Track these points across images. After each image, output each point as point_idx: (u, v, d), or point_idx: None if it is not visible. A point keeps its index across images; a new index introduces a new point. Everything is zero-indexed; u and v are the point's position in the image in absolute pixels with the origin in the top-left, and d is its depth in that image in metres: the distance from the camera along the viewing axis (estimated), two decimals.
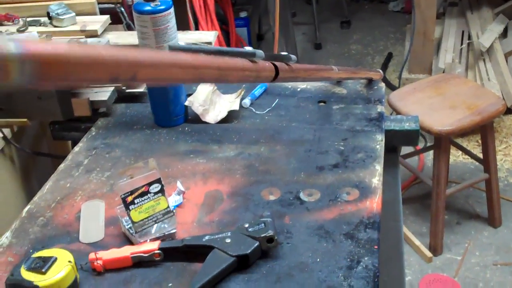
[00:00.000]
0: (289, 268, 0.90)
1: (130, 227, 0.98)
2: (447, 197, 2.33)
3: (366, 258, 0.89)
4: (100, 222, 1.06)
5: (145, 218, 0.97)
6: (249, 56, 0.84)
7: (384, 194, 1.25)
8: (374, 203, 1.00)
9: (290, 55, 1.02)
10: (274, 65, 0.94)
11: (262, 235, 0.91)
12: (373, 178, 1.07)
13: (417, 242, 2.40)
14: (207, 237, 0.94)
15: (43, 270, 0.88)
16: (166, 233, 0.98)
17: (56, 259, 0.90)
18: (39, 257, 0.91)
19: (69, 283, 0.89)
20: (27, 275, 0.88)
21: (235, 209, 1.05)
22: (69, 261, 0.90)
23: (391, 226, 1.32)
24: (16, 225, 1.07)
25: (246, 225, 0.94)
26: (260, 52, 0.88)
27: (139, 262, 0.95)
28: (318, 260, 0.90)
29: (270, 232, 0.91)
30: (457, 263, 2.33)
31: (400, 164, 2.53)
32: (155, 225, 0.98)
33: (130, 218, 0.96)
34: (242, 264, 0.90)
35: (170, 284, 0.90)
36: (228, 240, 0.93)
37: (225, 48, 0.75)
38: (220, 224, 1.02)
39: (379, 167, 1.10)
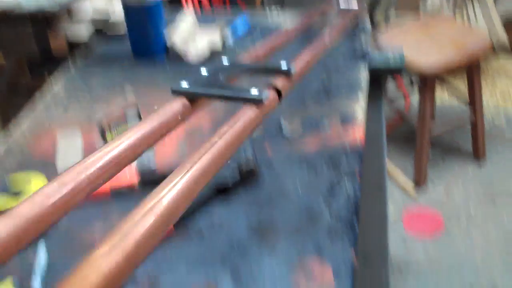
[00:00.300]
0: (270, 195, 0.89)
1: None
2: (433, 137, 2.35)
3: (347, 186, 0.88)
4: (78, 152, 1.05)
5: None
6: (257, 101, 0.64)
7: (367, 128, 1.24)
8: (356, 133, 0.99)
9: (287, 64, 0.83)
10: (278, 92, 0.75)
11: (243, 166, 0.91)
12: (356, 108, 1.06)
13: (401, 178, 2.42)
14: None
15: (17, 195, 0.87)
16: (146, 167, 0.97)
17: (29, 184, 0.89)
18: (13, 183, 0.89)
19: None
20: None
21: None
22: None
23: (374, 160, 1.31)
24: None
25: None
26: (266, 94, 0.67)
27: (118, 192, 0.94)
28: (299, 187, 0.90)
29: (251, 163, 0.91)
30: (440, 197, 2.37)
31: (387, 105, 2.53)
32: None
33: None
34: (221, 191, 0.90)
35: None
36: None
37: (230, 90, 0.62)
38: None
39: (362, 98, 1.09)
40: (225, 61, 0.74)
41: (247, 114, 0.57)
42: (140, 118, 0.95)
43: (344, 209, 0.84)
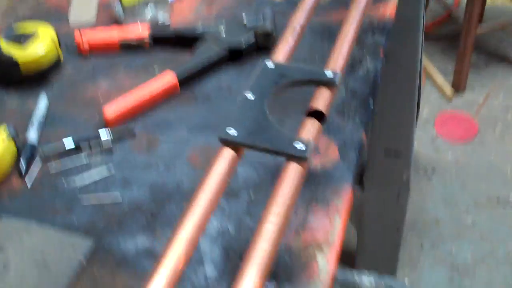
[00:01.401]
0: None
1: (120, 12, 0.91)
2: (478, 37, 2.22)
3: (368, 61, 0.83)
4: (93, 4, 1.01)
5: (137, 3, 0.90)
6: (301, 159, 0.53)
7: (403, 10, 1.16)
8: (387, 8, 0.92)
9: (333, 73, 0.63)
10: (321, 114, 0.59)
11: (259, 29, 0.85)
12: None
13: (439, 79, 2.33)
14: (200, 27, 0.88)
15: (23, 43, 0.83)
16: (160, 23, 0.92)
17: (37, 33, 0.86)
18: (20, 32, 0.86)
19: (51, 61, 0.85)
20: (6, 48, 0.84)
21: (236, 5, 0.98)
22: (51, 38, 0.86)
23: (407, 50, 1.24)
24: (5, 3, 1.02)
25: (244, 16, 0.88)
26: (310, 147, 0.54)
27: (128, 47, 0.90)
28: (316, 57, 0.84)
29: (268, 26, 0.85)
30: (478, 103, 2.28)
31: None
32: (150, 13, 0.92)
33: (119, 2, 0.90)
34: (235, 56, 0.85)
35: (157, 72, 0.86)
36: (222, 32, 0.86)
37: (274, 142, 0.51)
38: (218, 19, 0.95)
39: None
40: (270, 65, 0.64)
41: (291, 177, 0.51)
42: None
43: (361, 87, 0.79)
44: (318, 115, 0.58)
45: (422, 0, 1.19)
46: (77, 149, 0.73)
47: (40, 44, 0.84)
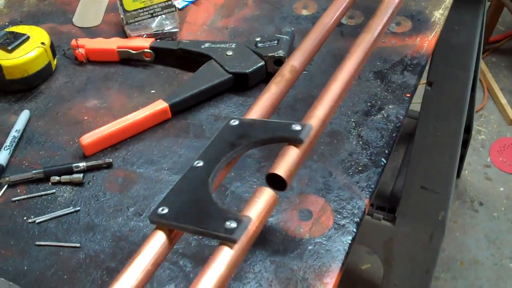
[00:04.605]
0: (295, 98, 0.76)
1: (123, 18, 0.85)
2: None
3: (391, 106, 0.73)
4: (101, 6, 0.95)
5: (140, 9, 0.84)
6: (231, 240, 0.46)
7: (456, 36, 1.06)
8: (425, 41, 0.82)
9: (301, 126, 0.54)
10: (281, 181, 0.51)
11: (270, 54, 0.77)
12: (436, 10, 0.88)
13: (503, 99, 2.18)
14: (207, 45, 0.81)
15: (9, 48, 0.79)
16: (166, 30, 0.86)
17: (28, 37, 0.81)
18: (11, 32, 0.82)
19: (39, 67, 0.80)
20: None
21: (257, 18, 0.90)
22: (42, 43, 0.80)
23: (458, 75, 1.13)
24: None
25: (257, 39, 0.80)
26: (244, 226, 0.46)
27: (128, 60, 0.84)
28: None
29: (281, 53, 0.77)
30: None
31: (507, 8, 2.22)
32: (155, 19, 0.86)
33: (121, 5, 0.84)
34: (240, 83, 0.78)
35: (153, 91, 0.79)
36: (230, 53, 0.79)
37: (206, 224, 0.44)
38: (233, 33, 0.88)
39: None
40: (233, 122, 0.57)
41: (218, 263, 0.44)
42: None
43: (376, 138, 0.70)
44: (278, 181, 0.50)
45: (478, 24, 1.07)
46: (47, 179, 0.68)
47: (28, 49, 0.79)
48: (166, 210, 0.48)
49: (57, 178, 0.68)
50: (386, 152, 0.68)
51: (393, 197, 1.49)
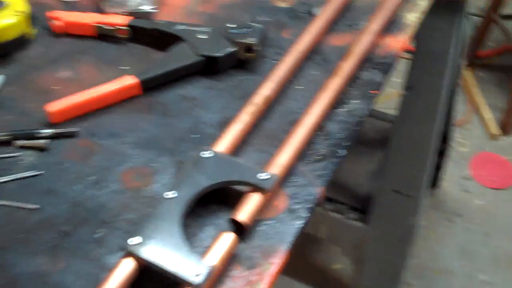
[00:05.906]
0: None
1: None
2: None
3: (354, 101, 0.77)
4: None
5: None
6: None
7: (433, 42, 1.09)
8: (396, 42, 0.86)
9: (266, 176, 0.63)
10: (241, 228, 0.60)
11: (243, 41, 0.81)
12: (412, 13, 0.92)
13: (487, 114, 2.23)
14: (182, 27, 0.84)
15: None
16: (144, 10, 0.89)
17: (6, 5, 0.84)
18: None
19: (16, 35, 0.83)
20: None
21: (235, 6, 0.94)
22: (21, 11, 0.83)
23: (432, 81, 1.17)
24: None
25: (232, 26, 0.84)
26: (206, 274, 0.52)
27: (105, 36, 0.87)
28: (302, 88, 0.80)
29: (253, 40, 0.80)
30: None
31: (497, 25, 2.27)
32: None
33: None
34: (211, 67, 0.81)
35: (126, 67, 0.83)
36: (203, 36, 0.82)
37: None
38: (211, 18, 0.91)
39: (424, 3, 0.93)
40: (206, 154, 0.64)
41: None
42: None
43: (337, 130, 0.73)
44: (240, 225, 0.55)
45: (453, 32, 1.11)
46: (13, 140, 0.71)
47: (5, 16, 0.82)
48: (139, 239, 0.53)
49: (22, 142, 0.71)
50: (345, 144, 0.72)
51: (367, 199, 1.53)
